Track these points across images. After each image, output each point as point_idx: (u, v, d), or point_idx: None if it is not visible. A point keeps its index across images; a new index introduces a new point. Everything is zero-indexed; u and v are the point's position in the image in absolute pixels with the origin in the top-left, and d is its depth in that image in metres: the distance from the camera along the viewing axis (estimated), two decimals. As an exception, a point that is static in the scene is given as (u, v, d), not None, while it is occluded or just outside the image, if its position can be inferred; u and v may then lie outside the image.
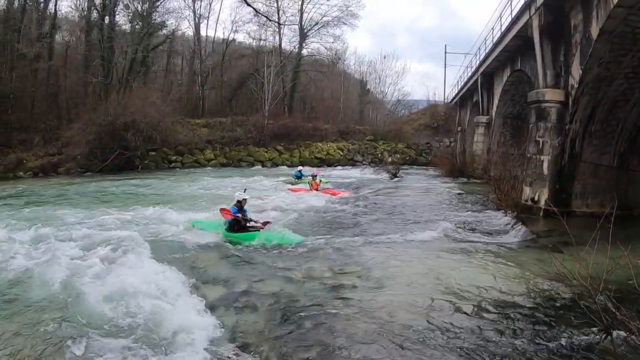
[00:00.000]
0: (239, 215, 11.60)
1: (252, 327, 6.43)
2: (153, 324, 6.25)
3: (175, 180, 26.74)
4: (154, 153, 35.98)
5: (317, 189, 20.52)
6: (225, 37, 52.24)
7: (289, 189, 21.66)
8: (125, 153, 33.18)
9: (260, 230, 11.57)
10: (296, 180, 24.64)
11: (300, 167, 28.70)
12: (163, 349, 5.64)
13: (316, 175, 22.01)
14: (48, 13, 40.15)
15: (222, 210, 12.55)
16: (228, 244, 11.03)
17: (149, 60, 44.93)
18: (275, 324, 6.52)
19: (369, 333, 6.16)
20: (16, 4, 36.69)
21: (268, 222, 12.25)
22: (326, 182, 23.00)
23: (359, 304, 7.21)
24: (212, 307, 6.99)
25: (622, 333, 5.55)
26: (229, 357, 5.52)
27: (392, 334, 6.12)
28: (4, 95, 33.63)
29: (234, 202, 11.93)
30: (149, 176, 29.75)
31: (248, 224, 11.76)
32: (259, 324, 6.54)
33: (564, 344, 5.79)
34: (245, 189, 12.71)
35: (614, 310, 5.21)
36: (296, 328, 6.36)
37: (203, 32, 51.50)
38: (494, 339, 5.98)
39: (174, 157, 37.37)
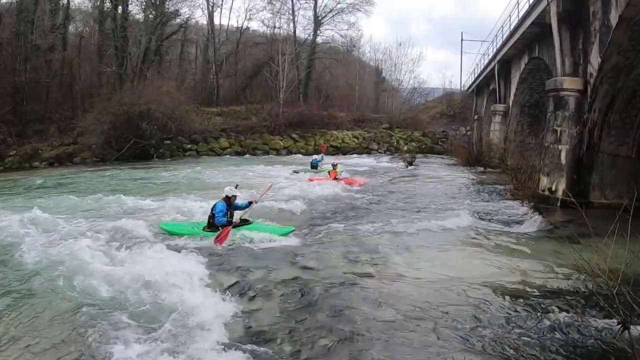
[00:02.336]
0: (225, 217, 10.60)
1: (267, 315, 6.45)
2: (169, 311, 6.29)
3: (190, 169, 26.77)
4: (168, 142, 36.12)
5: (336, 178, 20.49)
6: (239, 25, 52.40)
7: (308, 179, 21.63)
8: (140, 142, 33.33)
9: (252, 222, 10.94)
10: (313, 169, 24.19)
11: (315, 155, 27.89)
12: (179, 335, 5.66)
13: (337, 164, 21.88)
14: (61, 4, 40.54)
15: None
16: (242, 233, 10.60)
17: (162, 50, 45.00)
18: (290, 312, 6.55)
19: (385, 322, 6.16)
20: (29, -5, 36.90)
21: (252, 202, 11.28)
22: (341, 171, 22.78)
23: (375, 293, 7.21)
24: (227, 295, 7.02)
25: (641, 327, 5.49)
26: (246, 345, 5.53)
27: (408, 324, 6.12)
28: (19, 87, 34.02)
29: (223, 196, 10.94)
30: (164, 165, 29.93)
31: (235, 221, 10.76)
32: (274, 312, 6.57)
33: (581, 336, 5.74)
34: (237, 185, 11.80)
35: (632, 303, 5.12)
36: (311, 317, 6.37)
37: (217, 21, 51.75)
38: (508, 329, 5.96)
39: (189, 146, 37.51)
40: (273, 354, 5.40)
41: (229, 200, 10.78)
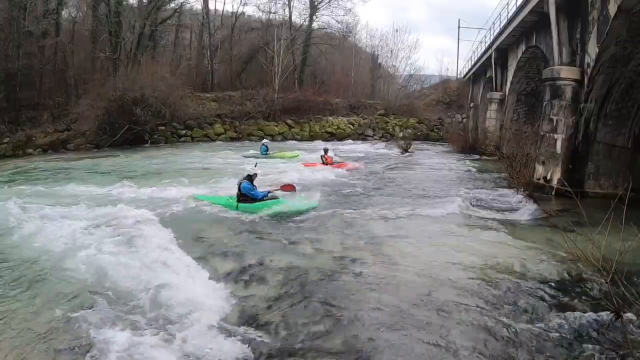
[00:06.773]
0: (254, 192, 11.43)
1: (262, 300, 6.52)
2: (164, 297, 6.33)
3: (185, 155, 26.81)
4: (163, 127, 35.77)
5: (330, 164, 20.62)
6: (234, 10, 51.75)
7: (303, 164, 21.65)
8: (134, 128, 32.99)
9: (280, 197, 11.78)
10: (263, 156, 24.16)
11: (265, 141, 27.30)
12: (174, 321, 5.72)
13: (328, 150, 22.08)
14: (54, -11, 39.74)
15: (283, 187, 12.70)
16: (237, 217, 11.00)
17: (157, 35, 44.46)
18: (285, 297, 6.61)
19: (379, 308, 6.22)
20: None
21: (290, 186, 12.69)
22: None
23: (369, 279, 7.29)
24: (222, 281, 7.10)
25: (633, 315, 5.55)
26: (239, 330, 5.58)
27: (402, 309, 6.19)
28: (12, 73, 33.52)
29: (244, 175, 11.70)
30: (158, 151, 29.80)
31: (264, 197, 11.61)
32: (269, 297, 6.63)
33: (574, 325, 5.78)
34: (256, 164, 12.69)
35: (625, 292, 5.18)
36: (306, 302, 6.44)
37: (212, 6, 50.95)
38: (501, 317, 6.00)
39: (184, 132, 37.22)
40: (269, 339, 5.44)
41: (251, 179, 11.56)
